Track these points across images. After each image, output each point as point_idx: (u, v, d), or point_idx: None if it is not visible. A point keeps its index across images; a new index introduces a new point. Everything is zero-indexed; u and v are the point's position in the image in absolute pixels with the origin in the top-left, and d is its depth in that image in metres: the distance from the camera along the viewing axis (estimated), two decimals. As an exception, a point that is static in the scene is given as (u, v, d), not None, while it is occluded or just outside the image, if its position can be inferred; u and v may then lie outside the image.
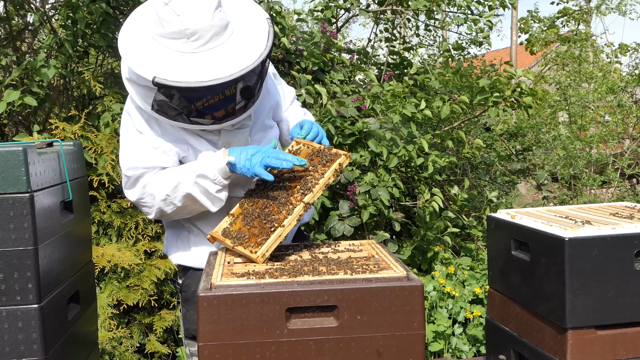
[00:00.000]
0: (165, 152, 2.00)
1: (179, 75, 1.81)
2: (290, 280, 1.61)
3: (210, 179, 1.94)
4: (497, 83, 3.92)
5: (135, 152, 2.00)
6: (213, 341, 1.55)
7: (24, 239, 1.79)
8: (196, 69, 1.82)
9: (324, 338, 1.58)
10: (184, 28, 1.82)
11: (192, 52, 1.85)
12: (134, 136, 2.01)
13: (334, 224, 3.46)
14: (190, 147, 2.04)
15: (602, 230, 1.85)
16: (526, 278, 2.01)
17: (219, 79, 1.80)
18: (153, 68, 1.83)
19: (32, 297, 1.80)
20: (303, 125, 2.19)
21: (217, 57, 1.86)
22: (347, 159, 1.99)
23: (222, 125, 1.99)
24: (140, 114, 2.01)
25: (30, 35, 4.20)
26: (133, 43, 1.93)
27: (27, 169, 1.79)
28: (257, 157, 1.92)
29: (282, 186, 1.98)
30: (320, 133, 2.18)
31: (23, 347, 1.80)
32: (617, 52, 11.49)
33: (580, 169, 5.99)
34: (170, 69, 1.83)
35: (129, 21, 2.00)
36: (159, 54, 1.87)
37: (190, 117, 1.94)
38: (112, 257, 3.26)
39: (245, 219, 1.95)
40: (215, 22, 1.85)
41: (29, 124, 3.88)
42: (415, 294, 1.59)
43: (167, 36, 1.86)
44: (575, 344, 1.83)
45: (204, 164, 1.95)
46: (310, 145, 2.09)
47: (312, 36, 4.00)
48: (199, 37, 1.84)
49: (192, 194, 1.96)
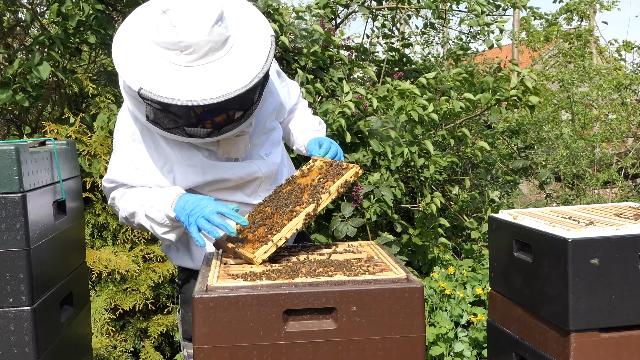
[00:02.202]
0: (144, 176, 1.99)
1: (167, 90, 1.74)
2: (287, 282, 1.59)
3: (157, 222, 1.94)
4: (502, 81, 3.89)
5: (117, 166, 2.01)
6: (209, 344, 1.53)
7: (16, 239, 1.77)
8: (187, 85, 1.76)
9: (322, 341, 1.55)
10: (178, 40, 1.75)
11: (185, 65, 1.78)
12: (122, 148, 2.01)
13: (336, 226, 3.43)
14: (177, 165, 1.99)
15: (606, 231, 1.83)
16: (528, 280, 1.99)
17: (209, 99, 1.73)
18: (141, 78, 1.77)
19: (24, 299, 1.78)
20: (322, 144, 2.17)
21: (211, 74, 1.78)
22: (358, 170, 1.96)
23: (218, 138, 1.93)
24: (135, 122, 1.99)
25: (22, 32, 4.16)
26: (128, 47, 1.86)
27: (19, 169, 1.77)
28: (192, 218, 1.84)
29: (293, 196, 1.96)
30: (339, 153, 2.17)
31: (15, 350, 1.78)
32: (621, 50, 11.44)
33: (583, 168, 5.96)
34: (159, 81, 1.76)
35: (128, 21, 1.94)
36: (151, 62, 1.80)
37: (187, 127, 1.87)
38: (108, 262, 3.23)
39: (251, 226, 1.93)
40: (212, 37, 1.77)
41: (20, 123, 3.84)
42: (416, 295, 1.57)
43: (162, 45, 1.79)
44: (578, 347, 1.81)
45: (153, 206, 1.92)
46: (325, 161, 2.08)
47: (312, 33, 3.96)
48: (194, 51, 1.77)
49: (146, 227, 1.98)
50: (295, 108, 2.40)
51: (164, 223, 1.93)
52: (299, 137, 2.33)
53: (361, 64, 4.38)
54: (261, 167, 2.10)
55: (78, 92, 3.88)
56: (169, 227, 1.95)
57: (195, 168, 2.00)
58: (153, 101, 1.76)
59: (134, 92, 1.78)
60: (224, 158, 2.03)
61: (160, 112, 1.84)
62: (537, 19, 11.41)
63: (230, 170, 2.04)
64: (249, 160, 2.09)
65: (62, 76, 3.54)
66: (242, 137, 2.01)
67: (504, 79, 3.86)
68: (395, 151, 3.66)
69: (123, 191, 2.02)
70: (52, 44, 3.47)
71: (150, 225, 1.96)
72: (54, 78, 3.81)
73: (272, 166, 2.13)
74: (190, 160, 2.00)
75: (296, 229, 1.85)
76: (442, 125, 4.40)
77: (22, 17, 4.05)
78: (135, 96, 1.82)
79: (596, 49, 11.93)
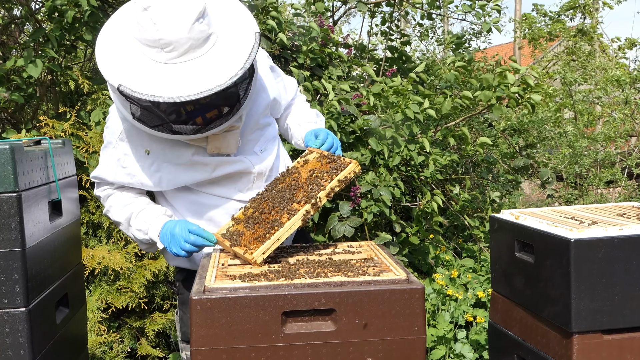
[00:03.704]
0: (130, 175, 2.03)
1: (146, 87, 1.73)
2: (286, 283, 1.57)
3: (143, 242, 2.08)
4: (501, 78, 3.85)
5: (104, 163, 2.07)
6: (206, 346, 1.51)
7: (11, 240, 1.75)
8: (166, 82, 1.75)
9: (321, 343, 1.54)
10: (158, 38, 1.74)
11: (165, 62, 1.78)
12: (110, 145, 2.04)
13: (334, 225, 3.39)
14: (165, 164, 2.01)
15: (609, 231, 1.82)
16: (530, 281, 1.97)
17: (187, 96, 1.72)
18: (121, 75, 1.77)
19: (19, 300, 1.77)
20: (318, 135, 2.16)
21: (191, 71, 1.77)
22: (357, 166, 1.94)
23: (206, 134, 1.91)
24: (123, 121, 1.99)
25: (17, 29, 4.13)
26: (110, 44, 1.86)
27: (14, 168, 1.75)
28: (174, 249, 1.95)
29: (288, 192, 1.95)
30: (336, 143, 2.15)
31: (10, 352, 1.76)
32: (625, 47, 11.39)
33: (586, 167, 5.93)
34: (139, 78, 1.76)
35: (112, 18, 1.94)
36: (132, 59, 1.80)
37: (173, 124, 1.87)
38: (102, 259, 3.22)
39: (247, 222, 1.92)
40: (193, 34, 1.76)
41: (16, 121, 3.81)
42: (416, 297, 1.56)
43: (143, 42, 1.79)
44: (581, 349, 1.79)
45: (140, 230, 2.03)
46: (322, 154, 2.06)
47: (310, 30, 3.93)
48: (173, 48, 1.76)
49: (130, 237, 2.12)
50: (293, 103, 2.39)
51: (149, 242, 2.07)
52: (296, 130, 2.32)
53: (360, 62, 4.35)
54: (254, 162, 2.09)
55: (73, 89, 3.85)
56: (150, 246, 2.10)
57: (183, 167, 2.00)
58: (132, 97, 1.77)
59: (109, 82, 1.79)
60: (215, 154, 2.02)
61: (144, 110, 1.84)
62: (537, 12, 11.36)
63: (220, 167, 2.03)
64: (242, 155, 2.08)
65: (58, 70, 3.51)
66: (232, 133, 1.99)
67: (502, 76, 3.83)
68: (393, 149, 3.63)
69: (109, 192, 2.10)
70: (47, 41, 3.44)
71: (133, 238, 2.11)
72: (48, 76, 3.79)
73: (266, 162, 2.12)
74: (179, 159, 2.00)
75: (296, 225, 1.83)
76: (441, 124, 4.37)
77: (17, 14, 4.02)
78: (114, 91, 1.84)
79: (599, 47, 11.89)
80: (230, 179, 2.06)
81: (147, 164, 2.01)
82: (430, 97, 3.80)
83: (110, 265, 3.23)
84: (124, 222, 2.07)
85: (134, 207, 2.06)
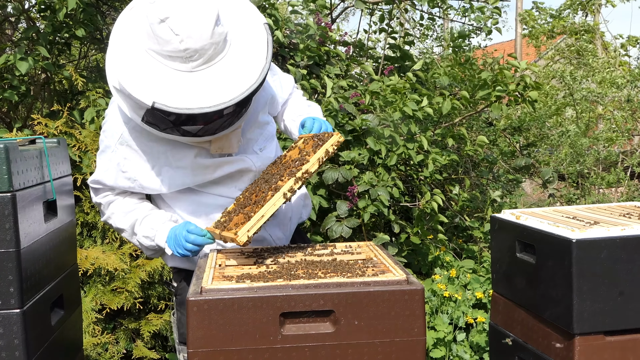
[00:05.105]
0: (130, 179, 2.02)
1: (179, 100, 1.72)
2: (284, 284, 1.56)
3: (149, 249, 2.09)
4: (500, 76, 3.83)
5: (103, 168, 2.03)
6: (203, 347, 1.50)
7: (5, 240, 1.74)
8: (196, 92, 1.74)
9: (319, 344, 1.53)
10: (184, 49, 1.72)
11: (191, 71, 1.76)
12: (109, 149, 2.01)
13: (331, 225, 3.36)
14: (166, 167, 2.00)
15: (611, 232, 1.81)
16: (531, 281, 1.96)
17: (222, 103, 1.73)
18: (152, 92, 1.73)
19: (14, 301, 1.75)
20: (304, 123, 2.16)
21: (218, 76, 1.77)
22: (340, 137, 1.94)
23: (216, 135, 1.92)
24: (125, 124, 1.96)
25: (10, 27, 4.10)
26: (126, 58, 1.81)
27: (8, 167, 1.74)
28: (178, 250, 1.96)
29: (275, 173, 1.96)
30: (324, 126, 2.15)
31: (4, 354, 1.75)
32: (627, 45, 11.35)
33: (588, 166, 5.91)
34: (169, 92, 1.73)
35: (118, 33, 1.86)
36: (155, 73, 1.77)
37: (183, 127, 1.85)
38: (96, 259, 3.20)
39: (236, 209, 1.93)
40: (215, 39, 1.75)
41: (9, 120, 3.79)
42: (416, 298, 1.54)
43: (164, 54, 1.76)
44: (583, 350, 1.78)
45: (147, 236, 2.03)
46: (308, 136, 2.07)
47: (307, 28, 3.91)
48: (199, 56, 1.75)
49: (135, 244, 2.12)
50: (289, 99, 2.38)
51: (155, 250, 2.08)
52: (291, 125, 2.33)
53: (359, 60, 4.33)
54: (254, 161, 2.09)
55: (67, 87, 3.82)
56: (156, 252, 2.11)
57: (184, 170, 2.00)
58: (167, 113, 1.74)
59: (142, 102, 1.74)
60: (217, 154, 2.02)
61: (160, 115, 1.81)
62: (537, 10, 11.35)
63: (221, 168, 2.03)
64: (242, 154, 2.08)
65: (51, 69, 3.47)
66: (234, 132, 1.99)
67: (501, 73, 3.81)
68: (391, 148, 3.61)
69: (110, 198, 2.07)
70: (39, 39, 3.41)
71: (139, 245, 2.10)
72: (42, 74, 3.76)
73: (265, 161, 2.12)
74: (180, 161, 1.99)
75: (280, 201, 1.82)
76: (440, 124, 4.35)
77: (10, 12, 3.99)
78: (136, 101, 1.78)
79: (601, 45, 11.88)
80: (230, 178, 2.06)
81: (148, 168, 1.99)
82: (429, 97, 3.78)
83: (104, 266, 3.22)
84: (127, 229, 2.06)
85: (138, 213, 2.04)
